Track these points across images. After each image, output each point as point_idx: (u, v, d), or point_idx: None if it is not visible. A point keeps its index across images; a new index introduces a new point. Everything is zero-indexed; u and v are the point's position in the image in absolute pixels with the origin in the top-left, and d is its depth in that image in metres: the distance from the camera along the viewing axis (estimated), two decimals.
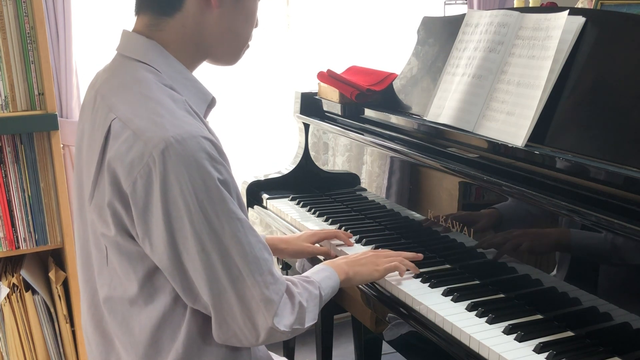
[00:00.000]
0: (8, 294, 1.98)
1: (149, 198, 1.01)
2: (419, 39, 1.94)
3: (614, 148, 1.25)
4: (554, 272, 1.26)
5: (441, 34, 1.84)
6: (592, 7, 2.01)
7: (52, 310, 2.06)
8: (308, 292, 1.19)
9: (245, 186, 2.14)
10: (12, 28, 1.90)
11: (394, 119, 1.80)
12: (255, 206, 2.10)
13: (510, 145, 1.40)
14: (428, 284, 1.42)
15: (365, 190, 1.88)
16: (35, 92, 1.95)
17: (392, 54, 2.75)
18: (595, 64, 1.37)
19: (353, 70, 2.11)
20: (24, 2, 1.89)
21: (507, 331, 1.21)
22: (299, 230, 1.84)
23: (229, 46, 1.17)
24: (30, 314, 2.03)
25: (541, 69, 1.42)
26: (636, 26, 1.33)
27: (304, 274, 1.28)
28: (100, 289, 1.15)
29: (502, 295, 1.37)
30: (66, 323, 2.07)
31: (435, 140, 1.63)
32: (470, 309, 1.30)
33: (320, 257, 1.64)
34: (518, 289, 1.35)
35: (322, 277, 1.27)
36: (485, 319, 1.26)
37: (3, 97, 1.92)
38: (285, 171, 2.19)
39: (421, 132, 1.69)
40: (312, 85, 2.18)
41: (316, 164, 2.15)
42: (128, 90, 1.08)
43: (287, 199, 2.06)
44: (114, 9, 2.38)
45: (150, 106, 1.04)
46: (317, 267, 1.32)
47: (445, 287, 1.39)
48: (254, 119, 2.76)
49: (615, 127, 1.28)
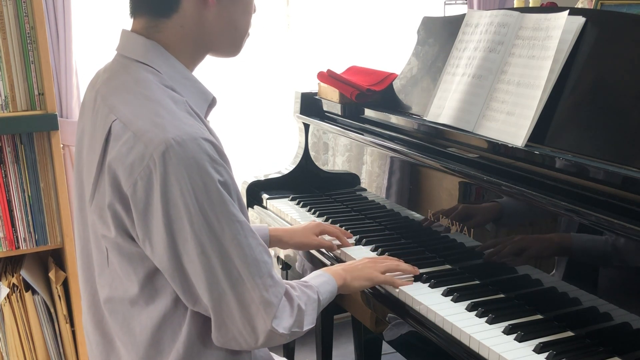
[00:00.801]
0: (8, 294, 1.98)
1: (150, 200, 1.01)
2: (419, 39, 1.94)
3: (614, 148, 1.25)
4: (554, 272, 1.26)
5: (441, 34, 1.84)
6: (592, 7, 2.01)
7: (52, 310, 2.06)
8: (307, 296, 1.19)
9: (245, 186, 2.14)
10: (12, 28, 1.90)
11: (394, 119, 1.80)
12: (255, 206, 2.10)
13: (510, 145, 1.40)
14: (428, 284, 1.42)
15: (365, 190, 1.88)
16: (35, 92, 1.95)
17: (392, 54, 2.75)
18: (595, 64, 1.37)
19: (353, 70, 2.11)
20: (24, 2, 1.89)
21: (507, 331, 1.21)
22: None
23: (230, 39, 1.17)
24: (30, 314, 2.03)
25: (541, 69, 1.42)
26: (636, 26, 1.33)
27: (302, 279, 1.28)
28: (101, 290, 1.15)
29: (502, 295, 1.37)
30: (66, 323, 2.07)
31: (435, 140, 1.63)
32: (470, 309, 1.30)
33: (320, 258, 1.65)
34: (518, 289, 1.35)
35: (320, 282, 1.27)
36: (485, 319, 1.26)
37: (3, 97, 1.92)
38: (285, 171, 2.19)
39: (421, 132, 1.69)
40: (312, 85, 2.18)
41: (316, 164, 2.15)
42: (128, 91, 1.07)
43: (287, 199, 2.06)
44: (114, 9, 2.38)
45: (151, 107, 1.03)
46: (315, 273, 1.33)
47: (445, 287, 1.39)
48: (254, 119, 2.76)
49: (615, 127, 1.28)
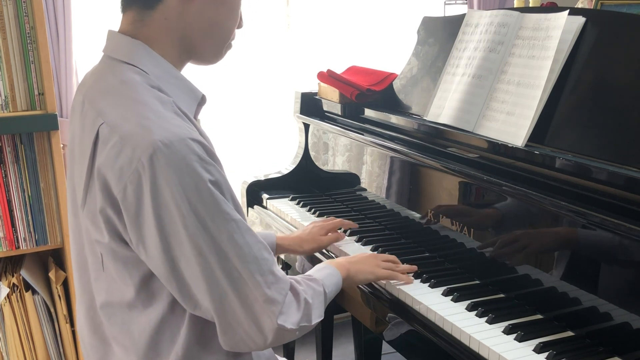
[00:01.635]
0: (8, 294, 1.98)
1: (140, 204, 1.00)
2: (419, 39, 1.94)
3: (614, 148, 1.25)
4: (554, 272, 1.26)
5: (441, 34, 1.84)
6: (592, 7, 2.01)
7: (52, 310, 2.06)
8: (312, 290, 1.18)
9: (245, 186, 2.14)
10: (12, 28, 1.90)
11: (394, 119, 1.80)
12: (255, 206, 2.10)
13: (510, 145, 1.40)
14: (428, 284, 1.42)
15: (365, 190, 1.88)
16: (35, 92, 1.95)
17: (392, 54, 2.75)
18: (595, 64, 1.37)
19: (353, 70, 2.11)
20: (24, 2, 1.89)
21: (507, 331, 1.21)
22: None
23: (211, 40, 1.15)
24: (30, 314, 2.03)
25: (541, 69, 1.42)
26: (636, 26, 1.33)
27: (307, 273, 1.27)
28: (98, 295, 1.14)
29: (502, 295, 1.37)
30: (66, 323, 2.07)
31: (435, 140, 1.63)
32: (470, 309, 1.30)
33: (320, 258, 1.65)
34: (518, 289, 1.35)
35: (325, 275, 1.26)
36: (485, 319, 1.26)
37: (3, 97, 1.92)
38: (285, 171, 2.19)
39: (421, 132, 1.69)
40: (312, 85, 2.18)
41: (316, 164, 2.15)
42: (115, 94, 1.06)
43: (287, 199, 2.06)
44: (114, 9, 2.38)
45: (137, 110, 1.02)
46: (319, 266, 1.32)
47: (445, 287, 1.39)
48: (254, 119, 2.76)
49: (615, 127, 1.28)
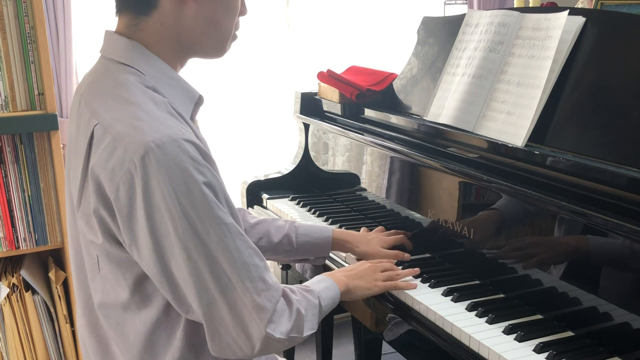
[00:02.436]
0: (8, 294, 1.98)
1: (133, 205, 0.99)
2: (419, 39, 1.94)
3: (614, 148, 1.25)
4: (554, 272, 1.26)
5: (441, 34, 1.84)
6: (592, 7, 2.01)
7: (52, 310, 2.06)
8: (307, 301, 1.16)
9: (245, 186, 2.14)
10: (12, 28, 1.90)
11: (394, 119, 1.80)
12: (255, 206, 2.10)
13: (510, 145, 1.40)
14: (428, 284, 1.42)
15: (365, 190, 1.88)
16: (35, 92, 1.95)
17: (392, 54, 2.75)
18: (595, 64, 1.37)
19: (353, 70, 2.11)
20: (24, 2, 1.89)
21: (507, 331, 1.21)
22: None
23: (212, 40, 1.14)
24: (30, 314, 2.03)
25: (541, 69, 1.42)
26: (636, 26, 1.33)
27: (304, 284, 1.25)
28: (94, 295, 1.14)
29: (502, 295, 1.37)
30: (66, 323, 2.07)
31: (435, 140, 1.63)
32: (470, 309, 1.30)
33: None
34: (518, 289, 1.35)
35: (322, 288, 1.24)
36: (485, 319, 1.26)
37: (3, 97, 1.92)
38: (285, 171, 2.19)
39: (421, 132, 1.68)
40: (312, 85, 2.18)
41: (316, 164, 2.15)
42: (109, 95, 1.06)
43: (287, 199, 2.06)
44: (114, 9, 2.38)
45: (131, 110, 1.02)
46: (317, 278, 1.30)
47: (445, 287, 1.39)
48: (254, 119, 2.76)
49: (615, 127, 1.28)
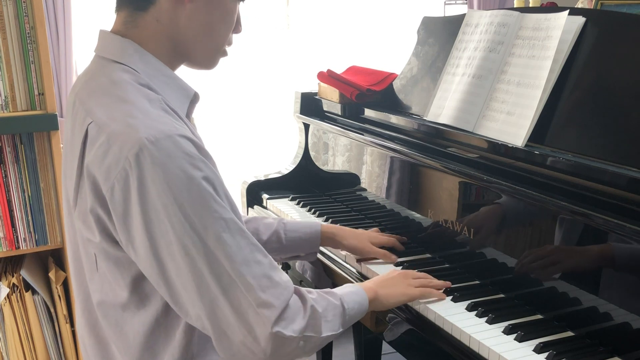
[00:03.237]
0: (8, 294, 1.98)
1: (128, 203, 0.98)
2: (419, 39, 1.94)
3: (614, 148, 1.25)
4: (554, 272, 1.26)
5: (441, 34, 1.84)
6: (592, 7, 2.01)
7: (52, 310, 2.06)
8: (326, 301, 1.13)
9: (245, 186, 2.14)
10: (12, 28, 1.90)
11: (394, 119, 1.80)
12: (255, 206, 2.10)
13: (510, 145, 1.40)
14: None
15: (365, 190, 1.88)
16: (35, 92, 1.95)
17: (392, 54, 2.75)
18: (595, 64, 1.37)
19: (353, 70, 2.11)
20: (24, 2, 1.89)
21: (507, 331, 1.21)
22: None
23: (204, 46, 1.14)
24: (30, 314, 2.03)
25: (541, 69, 1.42)
26: (636, 26, 1.33)
27: (327, 289, 1.20)
28: (93, 294, 1.13)
29: (502, 295, 1.37)
30: (66, 323, 2.07)
31: (435, 140, 1.63)
32: (470, 309, 1.30)
33: (320, 258, 1.64)
34: (518, 289, 1.35)
35: (346, 292, 1.20)
36: (485, 319, 1.26)
37: (3, 97, 1.92)
38: (285, 171, 2.19)
39: (421, 132, 1.68)
40: (312, 85, 2.18)
41: (316, 164, 2.15)
42: (104, 93, 1.06)
43: (287, 199, 2.06)
44: (114, 7, 2.38)
45: (125, 109, 1.01)
46: (343, 286, 1.25)
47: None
48: (254, 119, 2.76)
49: (615, 127, 1.28)
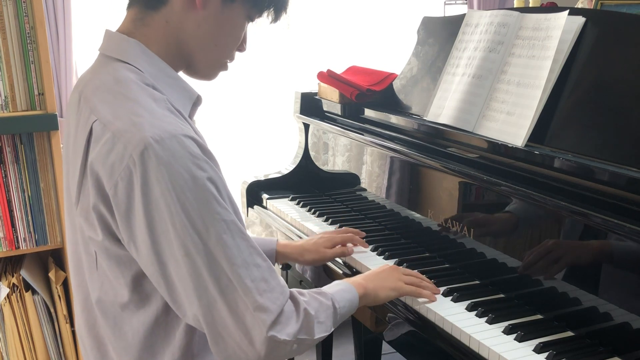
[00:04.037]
0: (8, 294, 1.98)
1: (131, 201, 0.99)
2: (419, 39, 1.94)
3: (614, 148, 1.25)
4: (554, 272, 1.26)
5: (441, 34, 1.84)
6: (592, 7, 2.01)
7: (52, 310, 2.06)
8: (318, 302, 1.13)
9: (245, 186, 2.14)
10: (12, 28, 1.90)
11: (394, 119, 1.80)
12: (255, 206, 2.10)
13: (510, 145, 1.40)
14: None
15: (365, 190, 1.88)
16: (35, 92, 1.95)
17: (392, 54, 2.75)
18: (595, 64, 1.37)
19: (353, 70, 2.11)
20: (24, 2, 1.89)
21: (507, 331, 1.21)
22: (299, 230, 1.84)
23: (207, 56, 1.15)
24: (30, 314, 2.03)
25: (541, 69, 1.42)
26: (636, 26, 1.33)
27: (317, 288, 1.21)
28: (92, 292, 1.13)
29: (502, 295, 1.37)
30: (66, 323, 2.07)
31: (435, 140, 1.63)
32: (470, 309, 1.30)
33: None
34: (518, 289, 1.35)
35: (337, 290, 1.21)
36: (485, 319, 1.26)
37: (3, 97, 1.92)
38: (285, 171, 2.19)
39: (421, 132, 1.68)
40: (312, 85, 2.18)
41: (316, 164, 2.15)
42: (108, 91, 1.06)
43: (287, 199, 2.06)
44: (114, 9, 2.38)
45: (130, 107, 1.01)
46: (333, 283, 1.26)
47: (445, 287, 1.39)
48: (254, 119, 2.76)
49: (615, 127, 1.28)
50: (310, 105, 2.16)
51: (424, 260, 1.54)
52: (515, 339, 1.19)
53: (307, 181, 2.17)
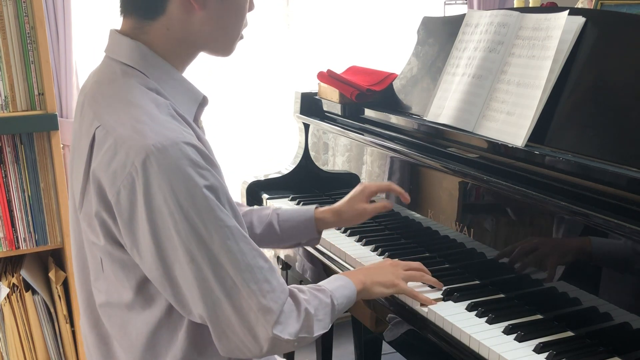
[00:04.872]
0: (8, 294, 1.98)
1: (134, 209, 0.99)
2: (419, 39, 1.94)
3: (614, 148, 1.25)
4: (554, 272, 1.26)
5: (441, 34, 1.84)
6: (592, 7, 2.01)
7: (52, 310, 2.06)
8: (318, 300, 1.15)
9: (245, 186, 2.14)
10: (12, 28, 1.90)
11: (394, 119, 1.80)
12: (255, 206, 2.09)
13: (510, 145, 1.40)
14: (428, 284, 1.42)
15: None
16: (35, 92, 1.95)
17: (392, 54, 2.75)
18: (595, 64, 1.37)
19: (353, 70, 2.11)
20: (24, 2, 1.89)
21: (507, 331, 1.21)
22: None
23: (220, 41, 1.14)
24: (30, 314, 2.03)
25: (541, 69, 1.42)
26: (636, 26, 1.33)
27: (318, 283, 1.23)
28: (97, 295, 1.14)
29: (502, 295, 1.37)
30: (66, 323, 2.07)
31: (435, 140, 1.63)
32: (470, 309, 1.30)
33: (319, 257, 1.64)
34: (518, 289, 1.35)
35: (336, 286, 1.22)
36: (485, 319, 1.26)
37: (3, 97, 1.92)
38: (285, 171, 2.19)
39: (421, 132, 1.68)
40: (312, 85, 2.18)
41: (316, 164, 2.15)
42: (112, 96, 1.06)
43: (287, 199, 2.06)
44: (114, 9, 2.37)
45: (132, 113, 1.01)
46: (332, 277, 1.27)
47: (445, 287, 1.39)
48: (254, 119, 2.76)
49: (615, 127, 1.28)
50: (310, 105, 2.16)
51: (424, 260, 1.54)
52: (515, 339, 1.19)
53: (307, 181, 2.17)
